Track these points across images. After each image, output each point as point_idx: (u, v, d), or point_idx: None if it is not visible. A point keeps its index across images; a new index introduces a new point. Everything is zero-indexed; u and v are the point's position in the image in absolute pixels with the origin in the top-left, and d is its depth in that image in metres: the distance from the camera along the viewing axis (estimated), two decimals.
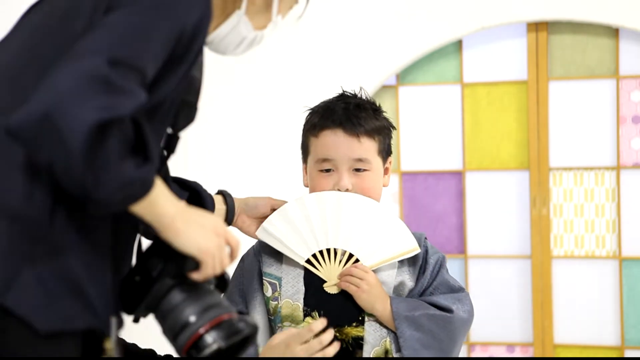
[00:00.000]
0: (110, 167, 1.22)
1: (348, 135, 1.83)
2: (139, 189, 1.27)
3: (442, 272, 1.92)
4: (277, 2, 1.53)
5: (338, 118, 1.84)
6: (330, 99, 1.92)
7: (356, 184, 1.85)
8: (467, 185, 4.01)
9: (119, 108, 1.20)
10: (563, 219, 3.92)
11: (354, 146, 1.83)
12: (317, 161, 1.86)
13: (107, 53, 1.23)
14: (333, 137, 1.84)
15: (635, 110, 3.84)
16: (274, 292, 1.88)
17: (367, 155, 1.85)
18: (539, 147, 3.89)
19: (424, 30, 3.89)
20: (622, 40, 3.82)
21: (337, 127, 1.84)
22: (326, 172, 1.86)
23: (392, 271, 1.87)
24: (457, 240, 4.03)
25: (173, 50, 1.32)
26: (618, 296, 3.87)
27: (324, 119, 1.86)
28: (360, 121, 1.84)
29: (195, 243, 1.35)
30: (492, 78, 3.96)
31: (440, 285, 1.90)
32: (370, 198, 1.86)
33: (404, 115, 4.05)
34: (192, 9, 1.33)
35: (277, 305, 1.87)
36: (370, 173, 1.86)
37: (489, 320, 4.00)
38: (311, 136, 1.88)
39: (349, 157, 1.83)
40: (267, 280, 1.89)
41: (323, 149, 1.85)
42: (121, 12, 1.29)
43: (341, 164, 1.84)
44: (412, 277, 1.89)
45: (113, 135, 1.21)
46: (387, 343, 1.83)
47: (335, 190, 1.85)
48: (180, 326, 1.37)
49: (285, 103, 3.92)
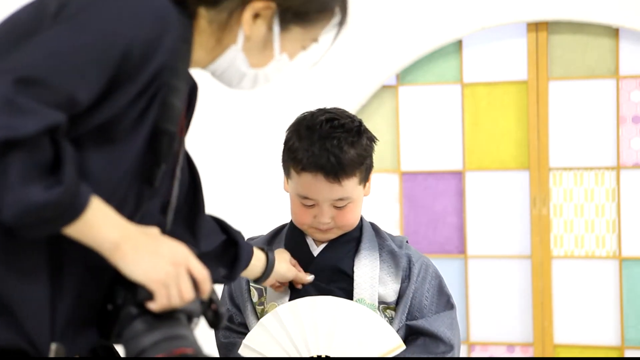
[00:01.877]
0: (11, 188, 1.17)
1: (329, 182, 1.81)
2: (55, 212, 1.20)
3: (428, 280, 1.92)
4: (278, 40, 1.47)
5: (320, 163, 1.80)
6: (316, 123, 1.85)
7: (337, 216, 1.86)
8: (467, 185, 4.01)
9: (19, 128, 1.16)
10: (563, 219, 3.92)
11: (334, 189, 1.82)
12: (297, 193, 1.86)
13: (19, 72, 1.19)
14: (314, 181, 1.81)
15: (635, 110, 3.84)
16: (260, 298, 1.94)
17: (348, 194, 1.84)
18: (539, 147, 3.89)
19: (424, 30, 3.89)
20: (622, 40, 3.82)
21: (319, 171, 1.80)
22: (307, 206, 1.86)
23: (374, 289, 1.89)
24: (457, 240, 4.03)
25: (120, 68, 1.27)
26: (618, 296, 3.87)
27: (304, 160, 1.81)
28: (342, 161, 1.80)
29: (143, 271, 1.28)
30: (492, 78, 3.96)
31: (430, 300, 1.91)
32: (351, 224, 1.88)
33: (404, 115, 4.05)
34: (140, 26, 1.28)
35: (264, 309, 1.92)
36: (351, 204, 1.87)
37: (489, 320, 4.00)
38: (292, 169, 1.86)
39: (330, 198, 1.83)
40: (253, 286, 1.95)
41: (304, 188, 1.84)
42: (54, 29, 1.25)
43: (322, 202, 1.84)
44: (395, 283, 1.90)
45: (14, 156, 1.16)
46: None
47: (317, 221, 1.85)
48: (135, 355, 1.32)
49: (285, 103, 3.92)
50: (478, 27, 3.85)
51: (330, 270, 1.90)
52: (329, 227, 1.87)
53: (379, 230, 1.98)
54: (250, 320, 1.93)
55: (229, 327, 1.97)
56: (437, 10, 3.87)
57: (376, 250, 1.92)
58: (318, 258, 1.92)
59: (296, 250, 1.93)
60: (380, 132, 4.01)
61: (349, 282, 1.89)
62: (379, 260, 1.90)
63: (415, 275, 1.90)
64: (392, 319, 1.89)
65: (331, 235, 1.91)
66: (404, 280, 1.90)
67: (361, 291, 1.87)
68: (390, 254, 1.92)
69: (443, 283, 1.95)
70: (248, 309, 1.93)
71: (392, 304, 1.90)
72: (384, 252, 1.92)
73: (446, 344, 1.88)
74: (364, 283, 1.88)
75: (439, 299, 1.92)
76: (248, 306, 1.93)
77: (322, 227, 1.86)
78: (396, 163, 4.06)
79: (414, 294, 1.89)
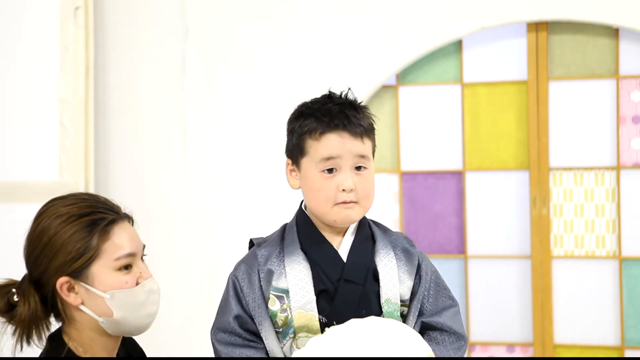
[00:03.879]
0: None
1: (352, 137, 1.84)
2: None
3: (429, 274, 1.94)
4: None
5: (341, 121, 1.84)
6: (318, 100, 1.91)
7: (358, 183, 1.85)
8: (467, 185, 4.01)
9: None
10: (563, 219, 3.92)
11: (357, 145, 1.85)
12: (320, 161, 1.85)
13: None
14: (339, 139, 1.84)
15: (635, 110, 3.84)
16: (282, 305, 1.85)
17: (367, 152, 1.87)
18: (539, 147, 3.89)
19: (424, 30, 3.89)
20: (622, 40, 3.82)
21: (342, 130, 1.84)
22: (328, 172, 1.85)
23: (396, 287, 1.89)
24: (457, 240, 4.03)
25: None
26: (618, 296, 3.87)
27: (325, 122, 1.85)
28: (361, 122, 1.86)
29: None
30: (492, 78, 3.97)
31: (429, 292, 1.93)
32: (370, 200, 1.88)
33: (404, 115, 4.05)
34: None
35: (288, 316, 1.83)
36: (369, 171, 1.88)
37: (489, 320, 4.00)
38: (310, 139, 1.86)
39: (355, 153, 1.84)
40: (273, 294, 1.85)
41: (328, 148, 1.84)
42: None
43: (345, 162, 1.84)
44: (410, 281, 1.91)
45: None
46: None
47: (340, 191, 1.84)
48: None
49: (285, 103, 3.91)
50: (478, 27, 3.85)
51: (363, 270, 1.87)
52: (353, 198, 1.85)
53: (383, 226, 1.98)
54: (267, 330, 1.84)
55: (241, 334, 1.86)
56: (437, 10, 3.87)
57: (390, 248, 1.91)
58: (349, 262, 1.87)
59: (321, 253, 1.88)
60: (380, 132, 4.02)
61: (376, 282, 1.87)
62: (395, 259, 1.90)
63: (423, 271, 1.92)
64: (404, 315, 1.90)
65: (355, 216, 1.87)
66: (415, 277, 1.91)
67: (387, 291, 1.87)
68: (404, 252, 1.93)
69: (440, 276, 1.97)
70: (262, 316, 1.84)
71: (406, 301, 1.90)
72: (398, 250, 1.92)
73: (465, 340, 1.92)
74: (388, 283, 1.87)
75: (441, 293, 1.93)
76: (262, 313, 1.84)
77: (347, 196, 1.84)
78: (396, 163, 4.06)
79: (423, 289, 1.91)
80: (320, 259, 1.87)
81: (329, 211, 1.86)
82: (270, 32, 4.02)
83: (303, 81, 3.91)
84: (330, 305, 1.83)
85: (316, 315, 1.83)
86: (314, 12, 3.98)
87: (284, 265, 1.86)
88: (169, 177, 4.13)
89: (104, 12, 4.17)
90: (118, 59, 4.17)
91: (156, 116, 4.14)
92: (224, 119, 4.07)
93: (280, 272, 1.86)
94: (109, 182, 4.17)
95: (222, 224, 4.05)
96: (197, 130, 4.10)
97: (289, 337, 1.84)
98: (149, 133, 4.15)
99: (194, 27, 4.08)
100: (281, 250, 1.89)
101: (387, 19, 3.92)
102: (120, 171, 4.09)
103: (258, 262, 1.88)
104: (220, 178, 4.06)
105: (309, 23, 3.99)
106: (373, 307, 1.85)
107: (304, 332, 1.83)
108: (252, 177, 4.03)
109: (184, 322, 4.06)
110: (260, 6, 4.03)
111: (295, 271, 1.85)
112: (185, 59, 4.08)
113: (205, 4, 4.07)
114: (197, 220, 4.08)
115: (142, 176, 4.15)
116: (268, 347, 1.84)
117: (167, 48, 4.12)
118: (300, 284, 1.84)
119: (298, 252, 1.88)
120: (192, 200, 4.08)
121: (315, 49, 3.96)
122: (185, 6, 4.10)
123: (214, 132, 4.07)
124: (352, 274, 1.85)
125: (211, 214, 4.06)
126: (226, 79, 4.05)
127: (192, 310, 4.05)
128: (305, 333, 1.83)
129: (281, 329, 1.84)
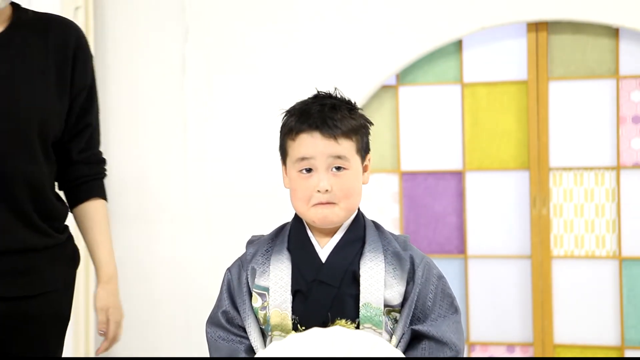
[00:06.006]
0: None
1: (325, 138, 1.84)
2: None
3: (432, 281, 1.89)
4: None
5: (314, 121, 1.85)
6: (305, 100, 1.92)
7: (336, 184, 1.84)
8: (467, 185, 4.01)
9: None
10: (563, 219, 3.92)
11: (331, 145, 1.84)
12: (296, 161, 1.87)
13: None
14: (310, 139, 1.84)
15: (635, 110, 3.84)
16: (263, 302, 1.87)
17: (345, 153, 1.85)
18: (539, 147, 3.89)
19: (424, 30, 3.89)
20: (622, 40, 3.82)
21: (314, 130, 1.84)
22: (306, 172, 1.86)
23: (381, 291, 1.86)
24: (457, 240, 4.03)
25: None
26: (618, 296, 3.87)
27: (300, 122, 1.86)
28: (337, 123, 1.85)
29: None
30: (492, 78, 3.96)
31: (433, 301, 1.88)
32: (351, 200, 1.86)
33: (404, 115, 4.05)
34: None
35: (266, 314, 1.86)
36: (350, 172, 1.86)
37: (489, 320, 4.00)
38: (288, 139, 1.89)
39: (327, 154, 1.84)
40: (255, 291, 1.89)
41: (301, 148, 1.85)
42: None
43: (320, 163, 1.84)
44: (400, 286, 1.87)
45: None
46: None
47: (316, 192, 1.84)
48: None
49: (284, 104, 3.91)
50: (478, 27, 3.85)
51: (341, 272, 1.86)
52: (330, 199, 1.84)
53: (382, 229, 1.95)
54: (250, 322, 1.88)
55: (228, 329, 1.91)
56: (437, 10, 3.87)
57: (381, 252, 1.88)
58: (327, 263, 1.87)
59: (302, 253, 1.89)
60: (380, 132, 4.02)
61: (356, 285, 1.85)
62: (384, 262, 1.87)
63: (419, 277, 1.87)
64: (397, 321, 1.87)
65: (334, 217, 1.86)
66: (409, 282, 1.87)
67: (367, 295, 1.83)
68: (395, 256, 1.88)
69: (446, 284, 1.92)
70: (246, 312, 1.88)
71: (397, 306, 1.86)
72: (389, 254, 1.88)
73: (452, 349, 1.85)
74: (370, 287, 1.84)
75: (442, 300, 1.89)
76: (246, 309, 1.88)
77: (323, 197, 1.83)
78: (396, 163, 4.06)
79: (418, 295, 1.86)
80: (299, 258, 1.88)
81: (307, 211, 1.87)
82: (270, 32, 4.02)
83: (303, 81, 3.91)
84: (303, 306, 1.84)
85: (289, 315, 1.84)
86: (313, 12, 3.98)
87: (269, 264, 1.88)
88: (169, 177, 4.13)
89: (104, 12, 4.17)
90: (118, 59, 4.17)
91: (156, 116, 4.15)
92: (224, 119, 4.07)
93: (264, 270, 1.88)
94: (109, 182, 4.17)
95: (222, 224, 4.05)
96: (197, 130, 4.10)
97: (268, 334, 1.86)
98: (149, 133, 4.16)
99: (194, 27, 4.08)
100: (269, 249, 1.91)
101: (387, 19, 3.92)
102: (120, 171, 4.09)
103: (247, 260, 1.92)
104: (220, 178, 4.06)
105: (309, 23, 3.99)
106: (347, 310, 1.84)
107: (277, 331, 1.85)
108: (252, 177, 4.03)
109: (184, 321, 4.06)
110: (260, 6, 4.04)
111: (277, 270, 1.87)
112: (185, 59, 4.08)
113: (205, 4, 4.08)
114: (197, 220, 4.09)
115: (142, 176, 4.15)
116: (253, 343, 1.87)
117: (167, 48, 4.12)
118: (279, 283, 1.86)
119: (284, 252, 1.90)
120: (192, 200, 4.09)
121: (315, 49, 3.96)
122: (185, 6, 4.10)
123: (214, 132, 4.07)
124: (328, 276, 1.85)
125: (211, 214, 4.06)
126: (226, 79, 4.05)
127: (192, 310, 4.05)
128: (279, 332, 1.84)
129: (263, 326, 1.87)
